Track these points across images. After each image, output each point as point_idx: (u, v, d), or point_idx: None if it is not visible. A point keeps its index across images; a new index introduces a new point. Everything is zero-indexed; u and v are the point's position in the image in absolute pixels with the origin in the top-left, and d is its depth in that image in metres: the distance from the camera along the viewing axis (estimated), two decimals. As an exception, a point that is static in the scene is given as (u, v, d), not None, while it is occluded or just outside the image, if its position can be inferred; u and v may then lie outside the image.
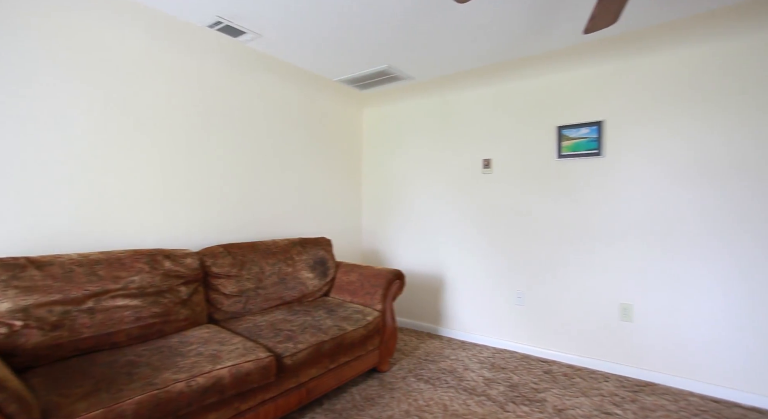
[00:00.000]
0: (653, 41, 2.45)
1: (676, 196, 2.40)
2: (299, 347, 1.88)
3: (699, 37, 2.32)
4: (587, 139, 2.65)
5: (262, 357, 1.68)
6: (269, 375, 1.70)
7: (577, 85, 2.72)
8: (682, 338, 2.38)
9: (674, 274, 2.41)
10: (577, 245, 2.72)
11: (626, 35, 2.51)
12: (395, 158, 3.65)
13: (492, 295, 3.07)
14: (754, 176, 2.19)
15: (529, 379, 2.44)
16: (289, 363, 1.83)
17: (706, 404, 2.17)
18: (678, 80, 2.40)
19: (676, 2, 2.17)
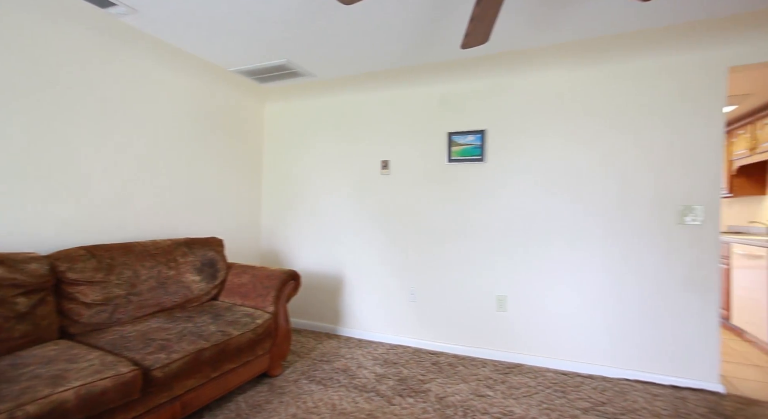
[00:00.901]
0: (526, 62, 2.77)
1: (543, 199, 2.75)
2: (173, 357, 1.73)
3: (563, 63, 2.69)
4: (473, 145, 2.89)
5: (123, 372, 1.50)
6: (132, 391, 1.53)
7: (465, 96, 2.96)
8: (545, 323, 2.74)
9: (541, 267, 2.75)
10: (462, 244, 2.95)
11: (504, 55, 2.81)
12: (297, 155, 3.57)
13: (388, 293, 3.18)
14: (605, 183, 2.62)
15: (418, 372, 2.59)
16: (160, 376, 1.66)
17: (557, 377, 2.53)
18: (546, 99, 2.75)
19: (541, 32, 2.49)
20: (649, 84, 2.50)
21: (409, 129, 3.14)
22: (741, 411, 2.16)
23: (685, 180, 2.44)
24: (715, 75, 2.37)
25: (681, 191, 2.45)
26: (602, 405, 2.20)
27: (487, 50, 2.79)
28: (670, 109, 2.47)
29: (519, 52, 2.78)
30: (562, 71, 2.70)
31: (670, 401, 2.26)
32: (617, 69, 2.57)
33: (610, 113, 2.59)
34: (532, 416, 2.06)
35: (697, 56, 2.40)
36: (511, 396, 2.27)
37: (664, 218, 2.48)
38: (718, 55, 2.36)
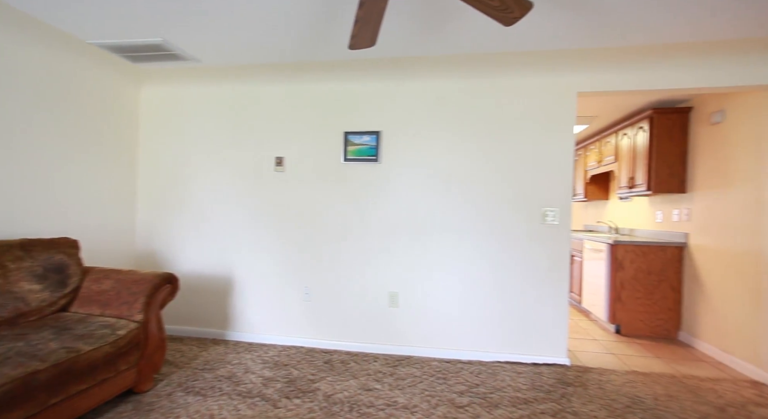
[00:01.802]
0: (417, 68, 2.92)
1: (432, 199, 2.93)
2: (-7, 384, 1.42)
3: (448, 73, 2.90)
4: (368, 146, 2.95)
5: None
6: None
7: (361, 96, 3.00)
8: (432, 316, 2.92)
9: (430, 263, 2.93)
10: (357, 242, 3.00)
11: (395, 59, 2.92)
12: (182, 147, 3.24)
13: (282, 293, 3.08)
14: (486, 185, 2.88)
15: (309, 372, 2.55)
16: (-26, 409, 1.35)
17: (441, 366, 2.72)
18: (434, 105, 2.93)
19: (427, 42, 2.65)
20: (518, 100, 2.84)
21: (305, 126, 3.07)
22: (579, 378, 2.58)
23: (545, 186, 2.82)
24: (567, 98, 2.78)
25: (543, 195, 2.82)
26: (476, 386, 2.43)
27: (378, 53, 2.87)
28: (533, 123, 2.82)
29: (410, 58, 2.92)
30: (448, 80, 2.90)
31: (530, 376, 2.59)
32: (493, 83, 2.86)
33: (489, 123, 2.87)
34: (415, 403, 2.18)
35: (553, 80, 2.79)
36: (397, 387, 2.37)
37: (531, 217, 2.84)
38: (569, 82, 2.77)
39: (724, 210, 3.01)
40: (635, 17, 2.30)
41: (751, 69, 2.56)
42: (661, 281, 3.50)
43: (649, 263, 3.51)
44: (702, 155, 3.29)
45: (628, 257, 3.54)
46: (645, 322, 3.53)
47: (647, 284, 3.52)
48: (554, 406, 2.21)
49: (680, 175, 3.48)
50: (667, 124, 3.50)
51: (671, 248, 3.48)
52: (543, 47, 2.74)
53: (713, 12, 2.22)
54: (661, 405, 2.27)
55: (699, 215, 3.29)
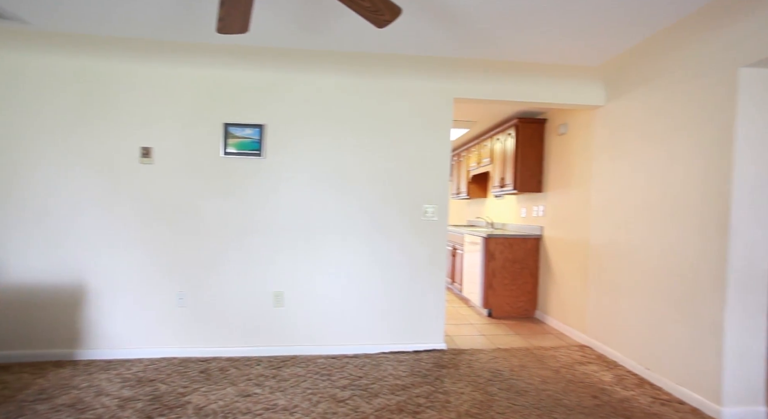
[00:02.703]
0: (301, 62, 2.86)
1: (319, 196, 2.91)
2: None
3: (334, 69, 2.90)
4: (251, 139, 2.80)
5: None
6: None
7: (244, 86, 2.83)
8: (319, 313, 2.92)
9: (316, 260, 2.91)
10: (239, 241, 2.83)
11: (279, 52, 2.82)
12: (12, 129, 2.67)
13: (151, 300, 2.76)
14: (372, 182, 2.95)
15: (180, 384, 2.33)
16: None
17: (327, 362, 2.74)
18: (321, 101, 2.90)
19: (308, 36, 2.62)
20: (401, 101, 2.98)
21: (179, 114, 2.78)
22: (453, 360, 2.84)
23: (425, 183, 3.02)
24: (444, 102, 3.01)
25: (423, 192, 3.01)
26: (359, 379, 2.49)
27: (259, 42, 2.74)
28: (414, 124, 3.00)
29: (296, 51, 2.85)
30: (335, 76, 2.91)
31: (411, 364, 2.76)
32: (378, 83, 2.95)
33: (374, 121, 2.96)
34: (295, 404, 2.15)
35: (433, 85, 3.00)
36: (279, 390, 2.31)
37: (413, 213, 3.01)
38: (446, 87, 3.00)
39: (566, 207, 3.59)
40: (497, 34, 2.58)
41: (582, 91, 3.08)
42: (523, 269, 4.04)
43: (515, 253, 4.02)
44: (553, 160, 3.87)
45: (498, 248, 4.00)
46: (511, 305, 4.04)
47: (512, 271, 4.02)
48: (429, 388, 2.39)
49: (538, 177, 4.04)
50: (528, 132, 4.04)
51: (531, 239, 4.04)
52: (424, 53, 2.91)
53: (559, 38, 2.61)
54: (515, 374, 2.62)
55: (550, 211, 3.87)
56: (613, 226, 2.94)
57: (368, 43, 2.73)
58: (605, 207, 3.04)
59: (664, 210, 2.48)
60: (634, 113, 2.76)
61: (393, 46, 2.78)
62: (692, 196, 2.29)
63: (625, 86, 2.85)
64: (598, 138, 3.15)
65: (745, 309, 2.11)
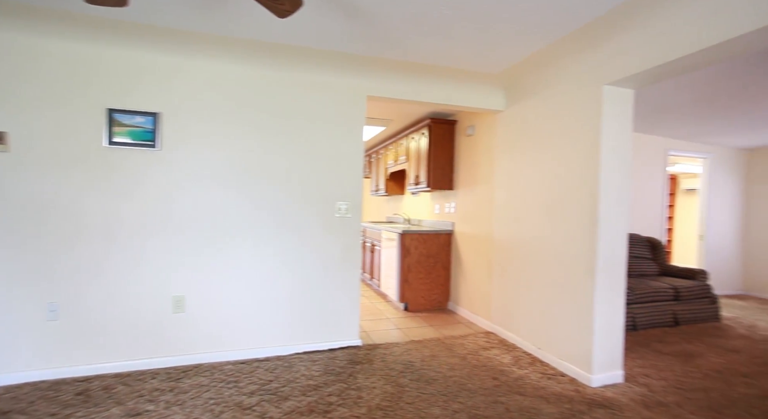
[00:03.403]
0: (201, 47, 2.63)
1: (224, 193, 2.72)
2: None
3: (240, 58, 2.72)
4: (143, 129, 2.51)
5: None
6: None
7: (134, 69, 2.52)
8: (226, 316, 2.74)
9: (222, 261, 2.72)
10: (131, 243, 2.53)
11: (184, 34, 2.58)
12: None
13: (9, 315, 2.33)
14: (282, 179, 2.83)
15: (46, 412, 2.00)
16: None
17: (235, 368, 2.59)
18: (229, 91, 2.71)
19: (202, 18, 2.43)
20: (315, 96, 2.92)
21: (45, 93, 2.38)
22: (368, 355, 2.88)
23: (339, 180, 2.99)
24: (358, 99, 3.01)
25: (336, 189, 2.99)
26: (269, 383, 2.39)
27: (146, 19, 2.47)
28: (328, 120, 2.96)
29: (198, 34, 2.62)
30: (245, 65, 2.74)
31: (325, 362, 2.73)
32: (292, 76, 2.85)
33: (287, 116, 2.85)
34: (195, 417, 1.99)
35: (347, 81, 2.98)
36: (176, 404, 2.11)
37: (326, 211, 2.96)
38: (360, 85, 3.01)
39: (473, 204, 3.85)
40: (404, 37, 2.65)
41: (486, 96, 3.32)
42: (436, 263, 4.24)
43: (428, 248, 4.20)
44: (462, 159, 4.12)
45: (413, 244, 4.14)
46: (425, 298, 4.21)
47: (427, 266, 4.20)
48: (341, 386, 2.38)
49: (449, 175, 4.27)
50: (440, 132, 4.24)
51: (443, 235, 4.25)
52: (337, 49, 2.88)
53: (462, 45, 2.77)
54: (426, 364, 2.74)
55: (461, 207, 4.11)
56: (512, 222, 3.22)
57: (277, 33, 2.62)
58: (505, 204, 3.32)
59: (553, 207, 2.78)
60: (529, 119, 3.04)
61: (303, 39, 2.70)
62: (573, 195, 2.60)
63: (521, 94, 3.13)
64: (500, 140, 3.42)
65: (609, 291, 2.46)
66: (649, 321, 3.74)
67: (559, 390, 2.39)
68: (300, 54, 2.84)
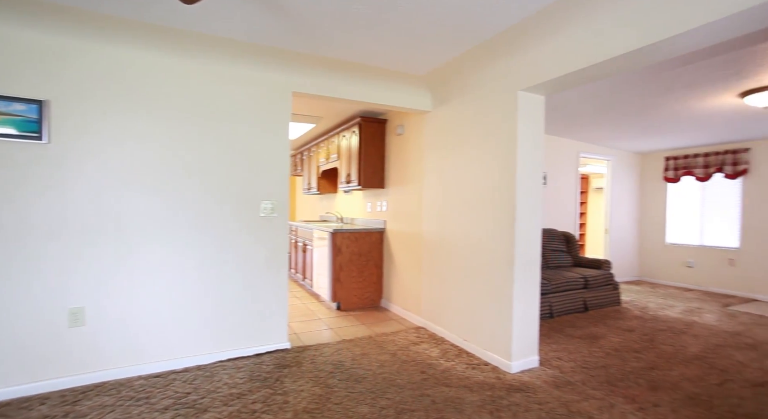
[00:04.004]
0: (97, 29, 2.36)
1: (131, 192, 2.47)
2: None
3: (150, 44, 2.49)
4: (24, 118, 2.18)
5: None
6: None
7: (12, 48, 2.18)
8: (137, 328, 2.49)
9: (130, 268, 2.46)
10: (11, 250, 2.19)
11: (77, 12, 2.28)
12: None
13: None
14: (199, 178, 2.63)
15: None
16: None
17: (147, 383, 2.37)
18: (135, 81, 2.46)
19: None
20: (237, 89, 2.76)
21: None
22: (296, 358, 2.80)
23: (263, 179, 2.87)
24: (283, 95, 2.91)
25: (261, 188, 2.86)
26: (186, 396, 2.22)
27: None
28: (251, 116, 2.81)
29: (91, 14, 2.33)
30: (151, 53, 2.50)
31: (250, 368, 2.60)
32: (211, 69, 2.67)
33: (205, 111, 2.66)
34: (93, 442, 1.78)
35: (271, 76, 2.86)
36: (71, 429, 1.87)
37: (250, 210, 2.82)
38: (285, 80, 2.91)
39: (404, 202, 3.92)
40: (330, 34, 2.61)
41: (414, 96, 3.39)
42: (369, 261, 4.25)
43: (360, 246, 4.19)
44: (393, 158, 4.17)
45: (344, 243, 4.11)
46: (358, 296, 4.20)
47: (359, 264, 4.19)
48: (267, 392, 2.28)
49: (380, 173, 4.30)
50: (371, 131, 4.25)
51: (375, 233, 4.28)
52: (260, 42, 2.75)
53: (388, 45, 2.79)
54: (356, 363, 2.72)
55: (392, 206, 4.16)
56: (439, 219, 3.33)
57: (192, 20, 2.43)
58: (433, 203, 3.42)
59: (476, 206, 2.91)
60: (454, 120, 3.16)
61: (222, 29, 2.53)
62: (494, 194, 2.74)
63: (446, 96, 3.24)
64: (428, 140, 3.51)
65: (526, 283, 2.64)
66: (563, 308, 4.09)
67: (482, 378, 2.52)
68: (220, 45, 2.67)
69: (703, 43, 1.77)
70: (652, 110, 3.87)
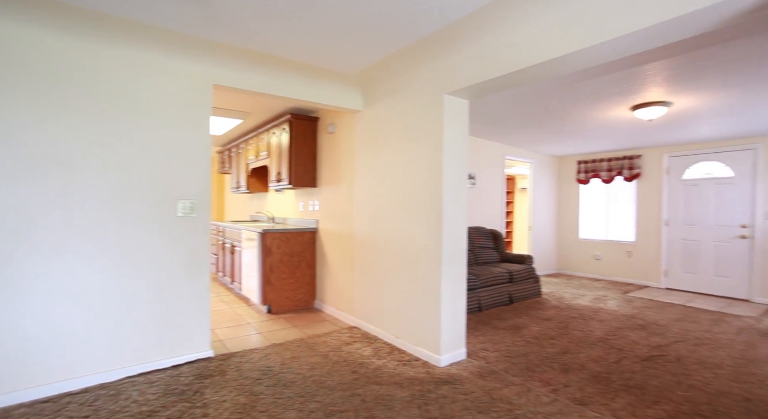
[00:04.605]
0: None
1: (17, 192, 2.13)
2: None
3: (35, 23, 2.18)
4: None
5: None
6: None
7: None
8: (18, 347, 2.15)
9: (13, 279, 2.13)
10: None
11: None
12: None
13: None
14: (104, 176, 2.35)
15: None
16: None
17: (32, 410, 2.05)
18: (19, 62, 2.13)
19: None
20: (153, 80, 2.52)
21: None
22: (220, 366, 2.62)
23: (181, 177, 2.65)
24: (203, 87, 2.71)
25: (179, 187, 2.64)
26: (84, 419, 1.97)
27: None
28: (167, 108, 2.59)
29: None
30: (47, 33, 2.19)
31: (166, 382, 2.38)
32: (125, 55, 2.40)
33: (113, 98, 2.39)
34: (-42, 485, 1.50)
35: (190, 67, 2.66)
36: (-73, 472, 1.56)
37: (165, 211, 2.59)
38: (206, 72, 2.71)
39: (336, 201, 3.87)
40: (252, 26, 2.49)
41: (345, 95, 3.36)
42: (301, 262, 4.14)
43: (292, 247, 4.07)
44: (325, 157, 4.10)
45: (275, 243, 3.95)
46: (290, 298, 4.07)
47: (291, 265, 4.06)
48: (184, 406, 2.10)
49: (312, 172, 4.21)
50: (302, 128, 4.14)
51: (308, 233, 4.17)
52: (178, 29, 2.53)
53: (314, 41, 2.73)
54: (286, 367, 2.62)
55: (324, 205, 4.09)
56: (371, 218, 3.33)
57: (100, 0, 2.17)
58: (365, 202, 3.41)
59: (406, 205, 2.96)
60: (384, 120, 3.18)
61: (131, 11, 2.29)
62: (422, 194, 2.80)
63: (377, 96, 3.25)
64: (359, 139, 3.50)
65: (453, 278, 2.73)
66: (491, 302, 4.32)
67: (413, 374, 2.56)
68: (133, 29, 2.41)
69: (598, 59, 1.97)
70: (564, 117, 4.25)
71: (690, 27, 1.61)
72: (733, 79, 2.96)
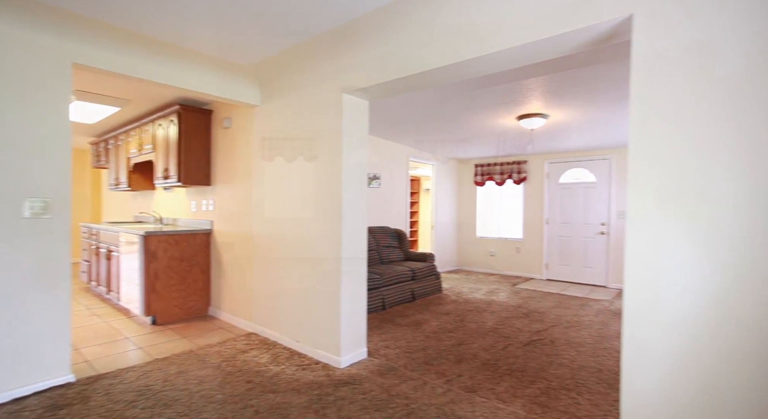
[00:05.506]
0: None
1: None
2: None
3: None
4: None
5: None
6: None
7: None
8: None
9: None
10: None
11: None
12: None
13: None
14: None
15: None
16: None
17: None
18: None
19: None
20: (-18, 45, 2.05)
21: None
22: (82, 392, 2.24)
23: (30, 171, 2.20)
24: (60, 66, 2.29)
25: (26, 183, 2.19)
26: None
27: None
28: (15, 89, 2.13)
29: None
30: None
31: (3, 420, 1.95)
32: (-72, 8, 1.90)
33: None
34: None
35: (44, 40, 2.22)
36: None
37: (8, 212, 2.13)
38: (64, 48, 2.29)
39: (233, 201, 3.61)
40: (133, -4, 2.19)
41: (241, 88, 3.15)
42: (193, 266, 3.77)
43: (182, 250, 3.68)
44: (220, 154, 3.80)
45: (161, 247, 3.54)
46: (180, 307, 3.68)
47: (180, 270, 3.67)
48: (26, 447, 1.74)
49: (206, 169, 3.86)
50: (193, 121, 3.78)
51: (201, 234, 3.82)
52: (20, -13, 2.10)
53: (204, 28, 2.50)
54: (169, 385, 2.35)
55: (219, 205, 3.79)
56: (270, 219, 3.17)
57: None
58: (263, 202, 3.23)
59: (305, 206, 2.87)
60: (283, 117, 3.05)
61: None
62: (323, 193, 2.74)
63: (275, 91, 3.10)
64: (257, 136, 3.31)
65: (353, 277, 2.73)
66: (394, 299, 4.43)
67: (312, 378, 2.48)
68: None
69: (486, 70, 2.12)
70: (461, 123, 4.56)
71: (552, 50, 1.83)
72: (591, 98, 3.46)
